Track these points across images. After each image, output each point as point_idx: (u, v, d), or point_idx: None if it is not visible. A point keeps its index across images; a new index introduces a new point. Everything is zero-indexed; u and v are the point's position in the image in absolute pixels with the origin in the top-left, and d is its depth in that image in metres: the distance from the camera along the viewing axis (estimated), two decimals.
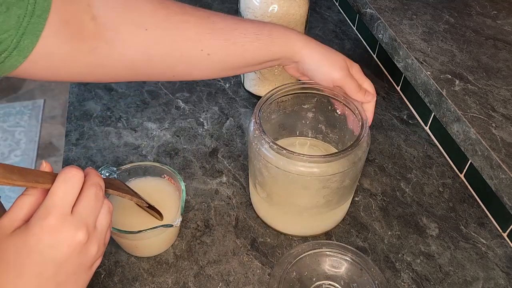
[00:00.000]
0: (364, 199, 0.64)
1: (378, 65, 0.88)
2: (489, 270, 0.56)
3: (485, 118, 0.57)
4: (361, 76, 0.57)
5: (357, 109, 0.54)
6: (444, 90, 0.61)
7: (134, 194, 0.49)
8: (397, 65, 0.72)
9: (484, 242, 0.59)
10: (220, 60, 0.51)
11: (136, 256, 0.56)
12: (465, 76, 0.64)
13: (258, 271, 0.55)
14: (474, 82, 0.63)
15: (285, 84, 0.56)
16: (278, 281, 0.52)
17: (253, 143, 0.52)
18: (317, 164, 0.49)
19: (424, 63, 0.66)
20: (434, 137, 0.73)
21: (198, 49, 0.49)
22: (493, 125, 0.56)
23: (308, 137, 0.65)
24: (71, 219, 0.34)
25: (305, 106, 0.61)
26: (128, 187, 0.50)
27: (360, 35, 0.95)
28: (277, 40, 0.52)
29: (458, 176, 0.68)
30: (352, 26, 0.98)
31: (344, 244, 0.56)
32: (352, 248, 0.56)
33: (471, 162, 0.64)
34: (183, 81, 0.83)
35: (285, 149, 0.49)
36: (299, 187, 0.53)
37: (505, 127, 0.56)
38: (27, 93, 2.12)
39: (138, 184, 0.56)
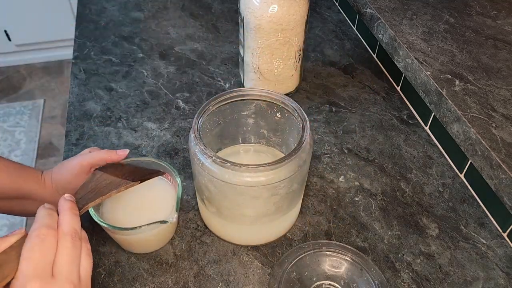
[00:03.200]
0: (364, 199, 0.64)
1: (378, 65, 0.88)
2: (489, 270, 0.56)
3: (485, 118, 0.57)
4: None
5: (297, 111, 0.53)
6: (444, 90, 0.61)
7: (126, 175, 0.46)
8: (397, 65, 0.72)
9: (484, 242, 0.59)
10: None
11: (136, 256, 0.56)
12: (465, 76, 0.64)
13: (258, 271, 0.55)
14: (474, 82, 0.63)
15: (220, 94, 0.55)
16: (278, 281, 0.52)
17: (195, 159, 0.50)
18: (263, 172, 0.48)
19: (424, 63, 0.66)
20: (434, 137, 0.73)
21: None
22: (493, 125, 0.56)
23: (251, 143, 0.64)
24: (54, 282, 0.33)
25: (245, 113, 0.59)
26: (121, 165, 0.47)
27: (360, 35, 0.95)
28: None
29: (458, 176, 0.68)
30: (352, 26, 0.98)
31: (344, 244, 0.56)
32: (352, 248, 0.56)
33: (471, 162, 0.64)
34: (184, 81, 0.83)
35: (229, 161, 0.47)
36: (248, 198, 0.52)
37: (505, 127, 0.56)
38: (27, 93, 2.12)
39: None
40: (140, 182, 0.50)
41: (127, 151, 0.53)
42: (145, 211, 0.53)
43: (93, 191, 0.44)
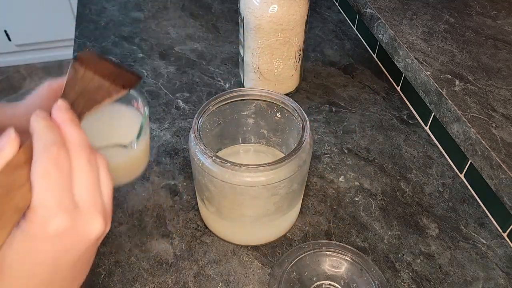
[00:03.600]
0: (364, 199, 0.64)
1: (378, 65, 0.88)
2: (489, 270, 0.56)
3: (485, 118, 0.57)
4: None
5: (297, 111, 0.53)
6: (444, 90, 0.61)
7: (112, 78, 0.37)
8: (397, 65, 0.72)
9: (484, 242, 0.59)
10: None
11: (136, 256, 0.56)
12: (465, 76, 0.64)
13: (258, 271, 0.55)
14: (474, 82, 0.63)
15: (220, 94, 0.55)
16: (278, 281, 0.52)
17: (195, 159, 0.50)
18: (263, 172, 0.48)
19: (424, 63, 0.66)
20: (434, 137, 0.73)
21: None
22: (493, 125, 0.56)
23: (251, 143, 0.64)
24: (80, 214, 0.27)
25: (245, 113, 0.59)
26: (98, 59, 0.38)
27: (360, 35, 0.95)
28: None
29: (458, 176, 0.68)
30: (352, 26, 0.98)
31: (344, 244, 0.56)
32: (352, 248, 0.56)
33: (471, 162, 0.64)
34: (184, 81, 0.83)
35: (229, 161, 0.47)
36: (248, 198, 0.52)
37: (505, 127, 0.56)
38: (27, 93, 2.12)
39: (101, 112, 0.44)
40: (129, 90, 0.40)
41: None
42: (108, 136, 0.46)
43: (84, 96, 0.34)
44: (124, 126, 0.47)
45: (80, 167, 0.27)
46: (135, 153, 0.45)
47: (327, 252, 0.55)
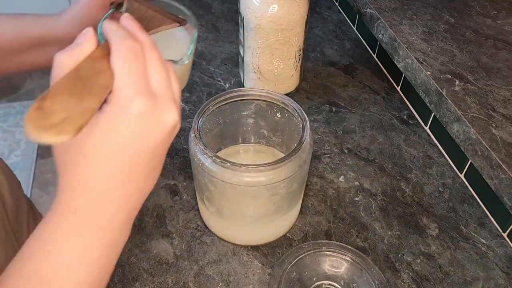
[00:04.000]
0: (364, 199, 0.64)
1: (378, 65, 0.88)
2: (489, 270, 0.56)
3: (485, 118, 0.57)
4: None
5: (297, 111, 0.53)
6: (444, 90, 0.61)
7: (163, 13, 0.38)
8: (397, 65, 0.72)
9: (484, 242, 0.59)
10: None
11: (136, 256, 0.56)
12: (465, 76, 0.64)
13: (258, 271, 0.55)
14: (474, 82, 0.63)
15: (220, 94, 0.55)
16: (278, 281, 0.52)
17: (195, 159, 0.50)
18: (263, 172, 0.48)
19: (424, 63, 0.66)
20: (434, 137, 0.73)
21: None
22: (493, 125, 0.56)
23: (251, 143, 0.64)
24: (157, 100, 0.28)
25: (245, 113, 0.60)
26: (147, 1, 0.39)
27: (360, 35, 0.95)
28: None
29: (458, 176, 0.68)
30: (352, 26, 0.98)
31: (344, 244, 0.56)
32: (352, 248, 0.56)
33: (471, 162, 0.64)
34: None
35: (229, 161, 0.47)
36: (248, 198, 0.52)
37: (505, 127, 0.56)
38: (27, 93, 2.12)
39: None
40: (180, 25, 0.42)
41: None
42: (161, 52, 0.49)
43: (142, 21, 0.35)
44: (175, 44, 0.48)
45: (154, 61, 0.29)
46: (182, 68, 0.47)
47: (327, 252, 0.55)
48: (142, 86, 0.27)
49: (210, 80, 0.83)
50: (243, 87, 0.80)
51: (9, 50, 0.49)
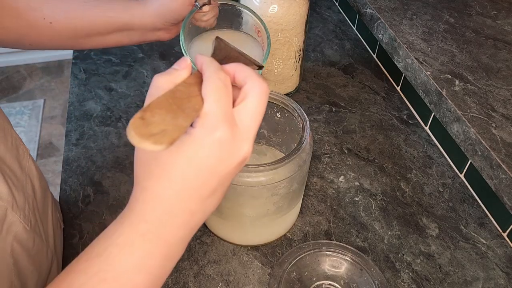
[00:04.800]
0: (364, 199, 0.64)
1: (378, 65, 0.88)
2: (489, 270, 0.56)
3: (485, 118, 0.57)
4: None
5: (297, 111, 0.53)
6: (444, 90, 0.61)
7: (245, 56, 0.41)
8: (397, 65, 0.72)
9: (484, 242, 0.59)
10: (64, 27, 0.52)
11: None
12: (465, 76, 0.64)
13: (258, 271, 0.55)
14: (474, 82, 0.63)
15: None
16: (278, 281, 0.52)
17: None
18: (263, 172, 0.48)
19: (424, 63, 0.66)
20: (434, 137, 0.73)
21: (41, 17, 0.50)
22: (493, 125, 0.57)
23: None
24: (238, 131, 0.30)
25: None
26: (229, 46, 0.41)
27: (360, 35, 0.95)
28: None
29: (458, 176, 0.68)
30: (352, 26, 0.98)
31: (344, 244, 0.56)
32: (352, 248, 0.56)
33: (471, 162, 0.64)
34: None
35: None
36: (248, 198, 0.52)
37: (505, 127, 0.56)
38: (27, 93, 2.12)
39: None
40: (258, 69, 0.43)
41: None
42: None
43: (228, 60, 0.38)
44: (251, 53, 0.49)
45: (254, 91, 0.31)
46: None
47: (327, 252, 0.55)
48: (228, 115, 0.30)
49: None
50: None
51: (96, 33, 0.54)
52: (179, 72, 0.31)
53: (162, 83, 0.30)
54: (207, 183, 0.30)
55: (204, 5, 0.51)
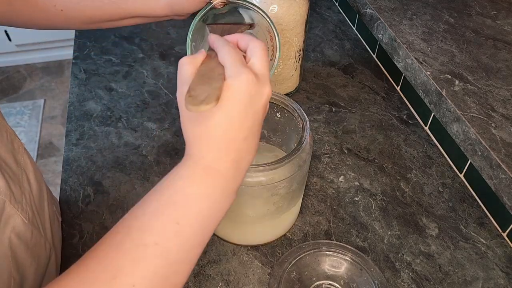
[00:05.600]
0: (364, 199, 0.64)
1: (378, 65, 0.88)
2: (489, 270, 0.56)
3: (485, 118, 0.57)
4: None
5: (297, 111, 0.53)
6: (444, 90, 0.61)
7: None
8: (397, 65, 0.72)
9: (484, 242, 0.59)
10: (75, 15, 0.54)
11: None
12: (464, 76, 0.64)
13: (258, 270, 0.55)
14: (473, 82, 0.63)
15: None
16: (278, 281, 0.52)
17: None
18: (263, 172, 0.48)
19: (424, 63, 0.66)
20: (434, 137, 0.73)
21: (52, 4, 0.52)
22: (493, 125, 0.57)
23: None
24: (258, 76, 0.35)
25: None
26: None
27: (360, 35, 0.95)
28: None
29: (458, 176, 0.68)
30: (352, 26, 0.98)
31: (344, 244, 0.56)
32: (352, 248, 0.56)
33: (470, 162, 0.64)
34: None
35: None
36: (248, 198, 0.52)
37: (504, 127, 0.56)
38: (27, 93, 2.12)
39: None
40: (250, 28, 0.51)
41: None
42: None
43: (224, 33, 0.45)
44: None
45: (255, 49, 0.37)
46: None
47: (327, 252, 0.55)
48: (244, 64, 0.35)
49: None
50: None
51: (107, 19, 0.56)
52: (199, 56, 0.37)
53: (188, 65, 0.36)
54: (245, 120, 0.35)
55: (217, 3, 0.52)
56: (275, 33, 0.50)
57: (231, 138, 0.35)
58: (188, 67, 0.36)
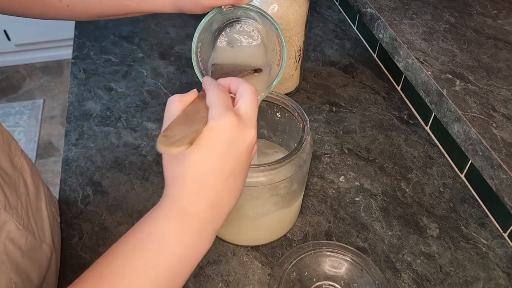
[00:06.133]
0: (365, 199, 0.64)
1: (379, 65, 0.88)
2: (490, 271, 0.56)
3: (486, 118, 0.57)
4: None
5: (297, 111, 0.53)
6: (445, 90, 0.61)
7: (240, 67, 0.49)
8: (398, 65, 0.72)
9: (485, 242, 0.59)
10: (81, 10, 0.54)
11: None
12: (465, 76, 0.64)
13: (258, 271, 0.55)
14: (474, 82, 0.63)
15: None
16: (278, 282, 0.52)
17: None
18: (263, 172, 0.48)
19: (425, 63, 0.66)
20: (435, 137, 0.73)
21: (57, 0, 0.53)
22: (494, 125, 0.56)
23: None
24: (242, 120, 0.35)
25: None
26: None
27: (361, 34, 0.95)
28: None
29: (459, 176, 0.67)
30: (353, 26, 0.98)
31: (344, 244, 0.56)
32: (353, 249, 0.55)
33: (471, 162, 0.63)
34: (183, 81, 0.83)
35: None
36: (248, 198, 0.52)
37: (505, 127, 0.56)
38: (26, 93, 2.12)
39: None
40: (254, 72, 0.51)
41: None
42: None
43: (224, 76, 0.45)
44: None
45: (246, 94, 0.37)
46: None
47: (327, 253, 0.55)
48: (230, 107, 0.35)
49: None
50: None
51: (114, 15, 0.56)
52: (189, 95, 0.38)
53: (177, 103, 0.37)
54: (225, 162, 0.34)
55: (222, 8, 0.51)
56: (283, 41, 0.50)
57: (208, 180, 0.34)
58: (176, 105, 0.36)
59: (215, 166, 0.34)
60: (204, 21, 0.49)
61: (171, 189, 0.35)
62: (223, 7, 0.49)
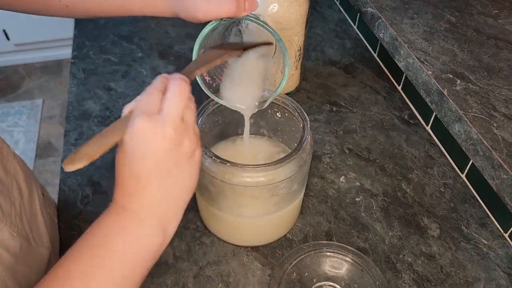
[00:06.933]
0: (365, 200, 0.64)
1: (379, 64, 0.88)
2: (491, 271, 0.56)
3: (487, 118, 0.57)
4: None
5: (297, 111, 0.53)
6: (446, 89, 0.61)
7: (231, 47, 0.48)
8: (398, 65, 0.72)
9: (486, 242, 0.59)
10: (80, 11, 0.55)
11: None
12: (466, 75, 0.63)
13: (258, 272, 0.55)
14: (475, 82, 0.62)
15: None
16: (278, 282, 0.52)
17: None
18: (263, 172, 0.48)
19: (425, 63, 0.65)
20: (436, 137, 0.73)
21: (57, 0, 0.53)
22: (495, 125, 0.56)
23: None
24: (158, 117, 0.36)
25: None
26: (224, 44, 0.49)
27: (361, 34, 0.95)
28: None
29: (460, 176, 0.67)
30: (353, 25, 0.98)
31: (344, 245, 0.56)
32: (353, 249, 0.55)
33: (472, 162, 0.63)
34: None
35: (228, 161, 0.47)
36: (248, 198, 0.51)
37: (506, 127, 0.56)
38: (26, 93, 2.12)
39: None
40: (243, 51, 0.49)
41: (255, 5, 0.52)
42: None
43: (201, 62, 0.46)
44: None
45: (172, 89, 0.38)
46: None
47: (328, 253, 0.55)
48: (149, 108, 0.37)
49: None
50: None
51: (114, 15, 0.56)
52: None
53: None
54: (142, 162, 0.36)
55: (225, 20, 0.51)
56: (284, 51, 0.50)
57: (136, 176, 0.36)
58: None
59: (137, 167, 0.36)
60: (206, 30, 0.48)
61: (114, 191, 0.38)
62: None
